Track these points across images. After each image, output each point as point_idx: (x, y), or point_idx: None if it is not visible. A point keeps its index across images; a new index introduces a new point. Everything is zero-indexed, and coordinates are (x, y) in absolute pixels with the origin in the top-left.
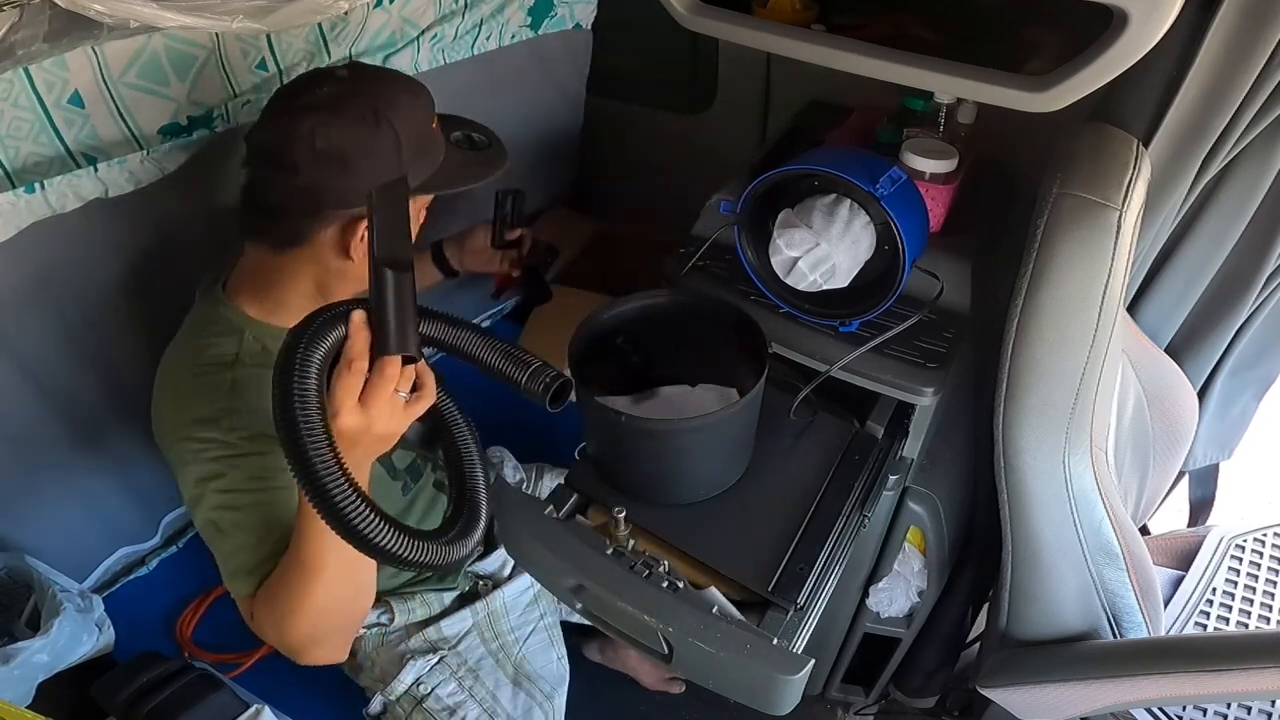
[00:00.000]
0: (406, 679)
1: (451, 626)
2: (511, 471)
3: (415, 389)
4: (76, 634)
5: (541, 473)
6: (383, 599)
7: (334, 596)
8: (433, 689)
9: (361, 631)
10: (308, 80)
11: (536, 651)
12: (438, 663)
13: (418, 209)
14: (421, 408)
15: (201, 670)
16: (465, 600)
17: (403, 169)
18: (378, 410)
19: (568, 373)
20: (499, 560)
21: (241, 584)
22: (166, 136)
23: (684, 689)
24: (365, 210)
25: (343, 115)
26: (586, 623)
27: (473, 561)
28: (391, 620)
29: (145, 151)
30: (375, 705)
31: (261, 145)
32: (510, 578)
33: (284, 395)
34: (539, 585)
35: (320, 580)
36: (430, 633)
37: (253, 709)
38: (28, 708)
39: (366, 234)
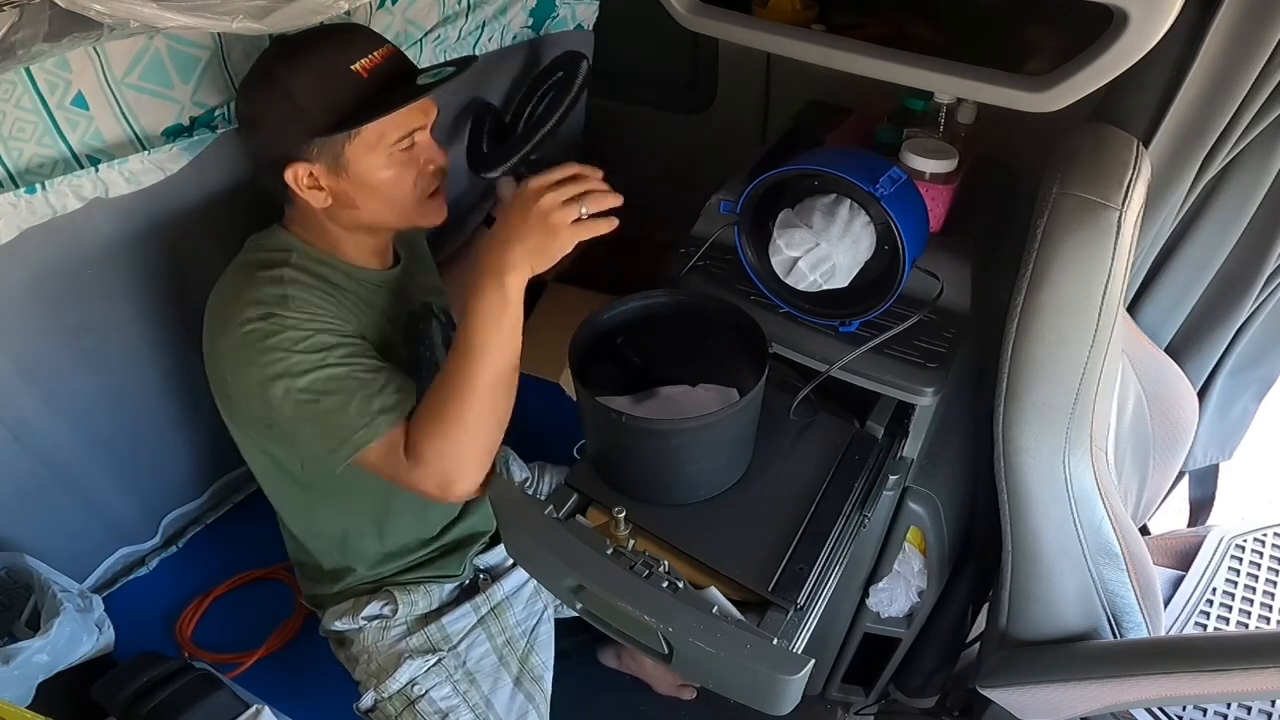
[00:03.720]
0: (401, 678)
1: (454, 624)
2: (518, 470)
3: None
4: (76, 634)
5: (544, 471)
6: (385, 589)
7: (487, 409)
8: (427, 690)
9: (362, 624)
10: None
11: (544, 644)
12: (435, 664)
13: (380, 144)
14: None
15: (201, 670)
16: (466, 594)
17: (305, 115)
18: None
19: None
20: (503, 553)
21: (387, 419)
22: (170, 138)
23: (695, 695)
24: (294, 156)
25: (247, 82)
26: (571, 616)
27: (478, 552)
28: (394, 612)
29: (146, 152)
30: (366, 700)
31: None
32: (510, 569)
33: None
34: None
35: (477, 393)
36: (432, 630)
37: (253, 709)
38: (28, 708)
39: (300, 175)
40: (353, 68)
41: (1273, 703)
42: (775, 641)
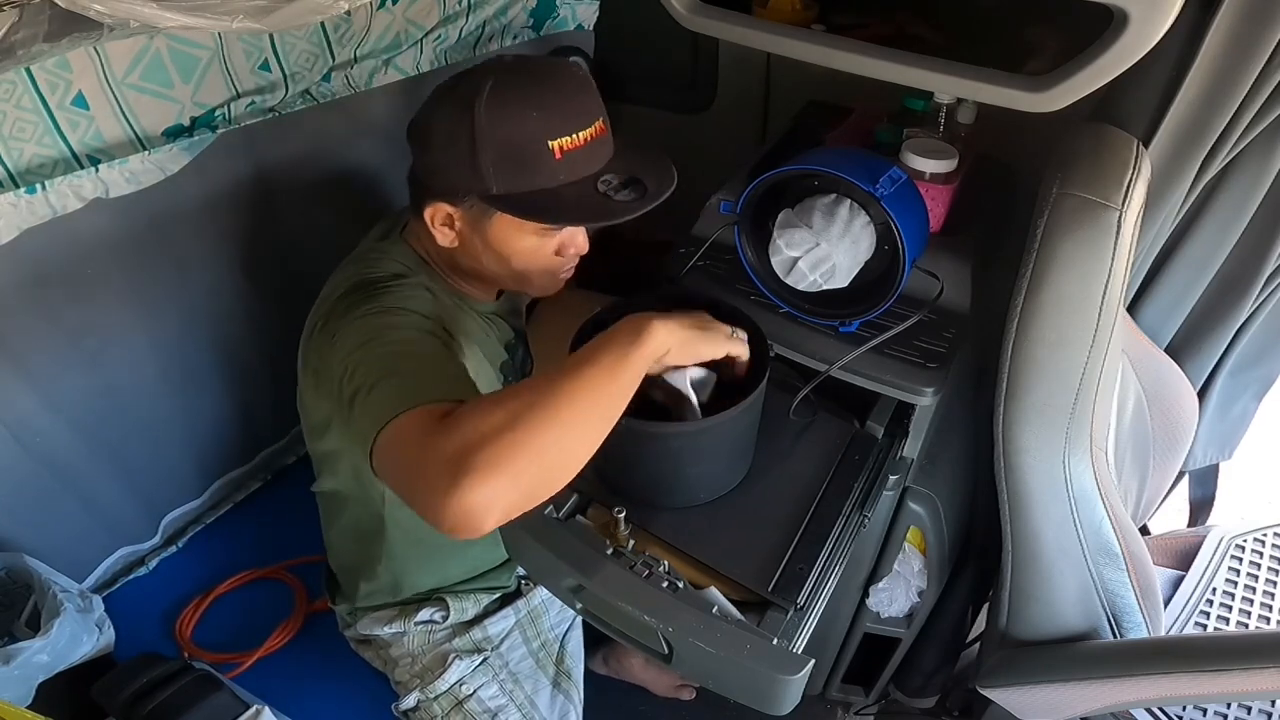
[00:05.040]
0: (450, 678)
1: (495, 625)
2: None
3: None
4: (76, 634)
5: None
6: (438, 597)
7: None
8: (475, 690)
9: (409, 627)
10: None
11: (574, 651)
12: (481, 664)
13: (530, 222)
14: None
15: (201, 670)
16: (507, 599)
17: (478, 174)
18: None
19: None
20: None
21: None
22: (170, 138)
23: (694, 695)
24: (444, 197)
25: (448, 96)
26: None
27: None
28: (446, 619)
29: (146, 152)
30: (409, 700)
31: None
32: None
33: None
34: None
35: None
36: (475, 633)
37: (253, 709)
38: (28, 708)
39: (437, 215)
40: (551, 144)
41: (1273, 703)
42: (775, 641)
